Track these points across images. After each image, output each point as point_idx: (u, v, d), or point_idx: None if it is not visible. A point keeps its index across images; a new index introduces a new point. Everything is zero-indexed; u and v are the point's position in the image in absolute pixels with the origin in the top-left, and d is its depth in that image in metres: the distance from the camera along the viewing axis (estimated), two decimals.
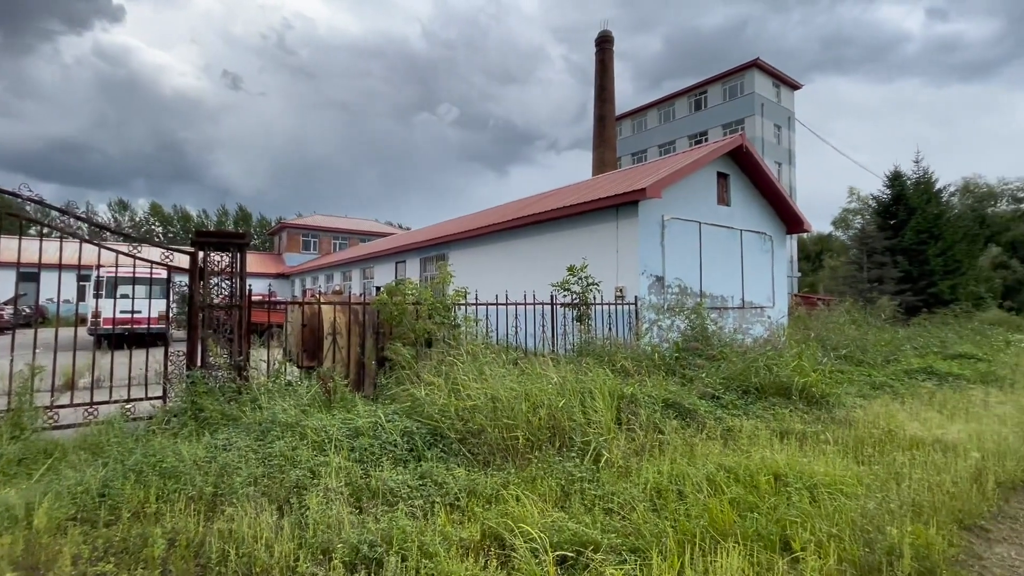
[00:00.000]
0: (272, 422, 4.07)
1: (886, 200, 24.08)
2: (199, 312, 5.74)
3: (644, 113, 49.76)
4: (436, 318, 6.95)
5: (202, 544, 2.83)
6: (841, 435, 4.83)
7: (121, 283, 14.86)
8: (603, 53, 40.43)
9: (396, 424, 4.10)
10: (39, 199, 5.35)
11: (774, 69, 41.84)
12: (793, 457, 4.00)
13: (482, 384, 4.46)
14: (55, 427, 4.94)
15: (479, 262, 15.12)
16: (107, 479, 3.41)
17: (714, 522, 2.91)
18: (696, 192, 11.70)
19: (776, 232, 13.98)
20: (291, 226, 40.25)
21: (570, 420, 4.23)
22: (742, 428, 4.89)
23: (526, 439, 3.99)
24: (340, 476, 3.41)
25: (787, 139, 43.54)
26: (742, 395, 6.11)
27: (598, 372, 5.66)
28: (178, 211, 73.67)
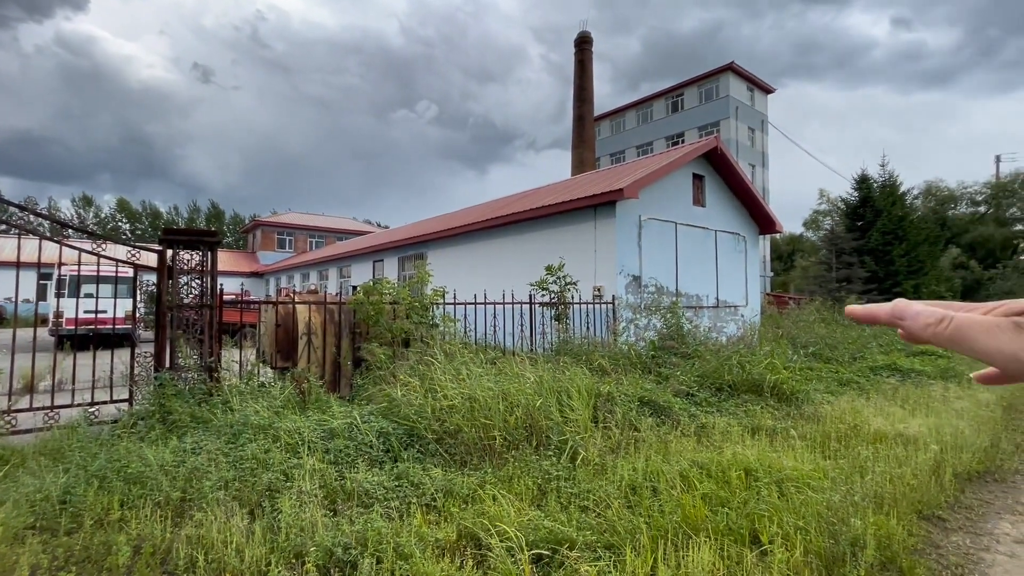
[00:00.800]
0: (244, 424, 3.99)
1: (854, 202, 24.89)
2: (167, 312, 5.58)
3: (623, 114, 50.29)
4: (414, 318, 6.90)
5: (169, 551, 2.76)
6: (809, 430, 4.97)
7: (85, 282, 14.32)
8: (582, 54, 40.66)
9: (372, 425, 4.06)
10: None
11: (748, 73, 42.77)
12: (763, 452, 4.10)
13: (459, 384, 4.45)
14: (13, 432, 4.74)
15: (458, 261, 15.07)
16: (68, 486, 3.29)
17: (687, 517, 2.97)
18: (672, 193, 11.88)
19: (749, 233, 14.29)
20: (265, 224, 39.40)
21: (547, 419, 4.26)
22: (715, 425, 5.00)
23: (503, 438, 4.00)
24: (314, 478, 3.36)
25: (760, 142, 44.55)
26: (715, 392, 6.24)
27: (575, 371, 5.70)
28: (147, 207, 71.35)
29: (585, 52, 40.77)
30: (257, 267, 37.26)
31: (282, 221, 39.93)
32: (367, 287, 6.88)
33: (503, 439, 3.99)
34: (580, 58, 40.75)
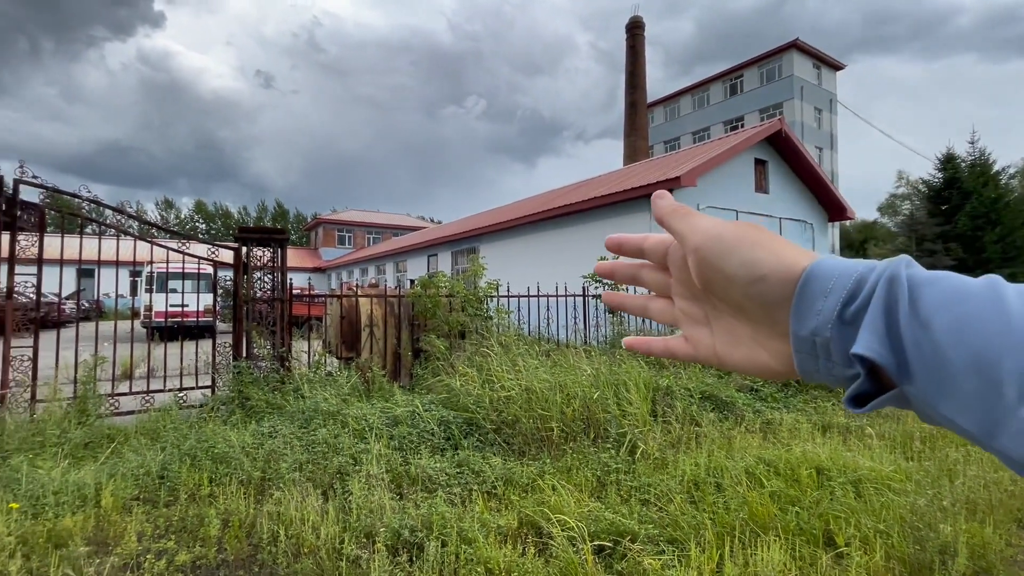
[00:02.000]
0: (314, 411, 4.23)
1: (938, 184, 22.85)
2: (243, 305, 5.98)
3: (677, 100, 48.53)
4: (469, 310, 7.03)
5: (253, 525, 2.98)
6: (888, 429, 4.65)
7: (171, 278, 15.61)
8: (634, 39, 39.54)
9: (433, 413, 4.19)
10: (96, 199, 5.68)
11: (814, 49, 40.04)
12: (836, 451, 3.88)
13: (516, 375, 4.50)
14: (116, 414, 5.27)
15: (510, 254, 15.16)
16: (165, 463, 3.63)
17: (754, 515, 2.87)
18: (733, 179, 11.38)
19: (817, 220, 13.47)
20: (327, 221, 41.26)
21: (604, 412, 4.22)
22: (782, 421, 4.77)
23: (560, 430, 4.01)
24: (381, 463, 3.52)
25: (828, 123, 41.67)
26: (782, 388, 5.96)
27: (631, 364, 5.62)
28: (219, 208, 76.45)
29: (637, 37, 39.59)
30: (319, 263, 39.14)
31: (342, 219, 41.66)
32: (424, 281, 7.07)
33: (560, 430, 4.00)
34: (632, 44, 39.62)
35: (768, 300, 0.35)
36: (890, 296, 0.30)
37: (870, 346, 0.29)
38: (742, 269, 0.36)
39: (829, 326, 0.32)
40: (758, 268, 0.35)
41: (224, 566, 2.67)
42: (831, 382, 0.34)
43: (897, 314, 0.29)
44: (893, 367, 0.29)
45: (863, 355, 0.30)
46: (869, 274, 0.32)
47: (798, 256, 0.35)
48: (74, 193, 5.50)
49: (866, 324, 0.30)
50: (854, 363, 0.31)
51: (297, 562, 2.61)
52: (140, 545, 2.77)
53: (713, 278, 0.38)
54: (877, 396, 0.31)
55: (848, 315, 0.31)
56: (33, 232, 5.21)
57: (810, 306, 0.32)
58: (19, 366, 5.00)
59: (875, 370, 0.31)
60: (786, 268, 0.34)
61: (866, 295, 0.31)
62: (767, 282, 0.35)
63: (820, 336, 0.32)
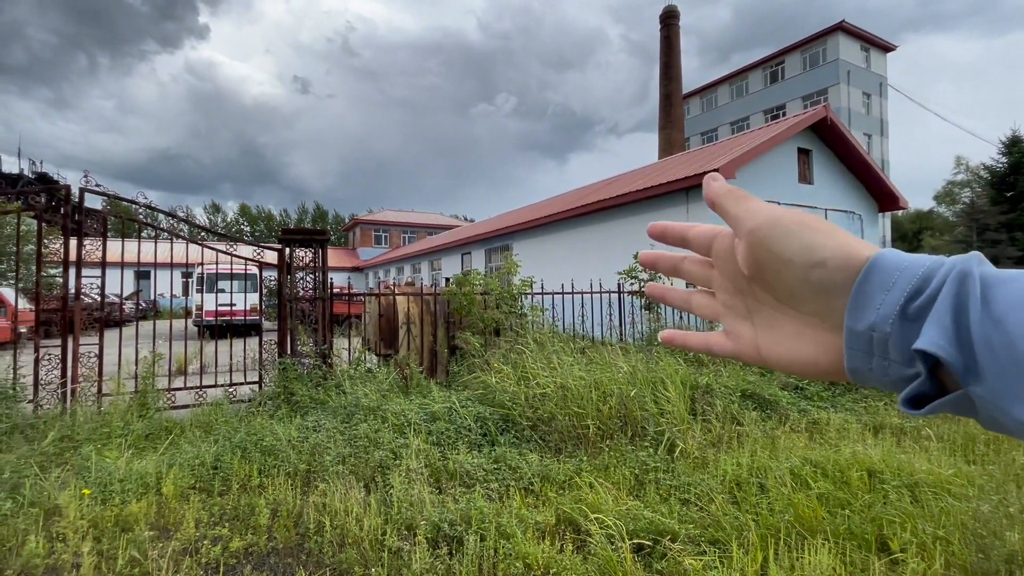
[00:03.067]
0: (355, 406, 4.35)
1: (1001, 169, 21.34)
2: (287, 304, 6.22)
3: (714, 89, 47.15)
4: (503, 307, 7.07)
5: (300, 515, 3.10)
6: (947, 431, 4.40)
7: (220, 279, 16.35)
8: (668, 29, 38.65)
9: (470, 410, 4.24)
10: (152, 204, 6.02)
11: (862, 31, 38.07)
12: (889, 453, 3.70)
13: (551, 373, 4.50)
14: (173, 407, 5.58)
15: (543, 251, 15.13)
16: (218, 454, 3.82)
17: (800, 517, 2.78)
18: (774, 170, 10.98)
19: (866, 210, 12.83)
20: (363, 222, 42.27)
21: (642, 410, 4.17)
22: (829, 421, 4.59)
23: (597, 428, 3.99)
24: (420, 457, 3.59)
25: (878, 108, 39.57)
26: (829, 387, 5.72)
27: (668, 361, 5.52)
28: (262, 211, 79.48)
29: (671, 28, 38.68)
30: (357, 262, 40.15)
31: (378, 219, 42.58)
32: (459, 279, 7.15)
33: (596, 428, 3.98)
34: (667, 34, 38.74)
35: (825, 287, 0.34)
36: (960, 292, 0.29)
37: (935, 342, 0.28)
38: (801, 253, 0.34)
39: (890, 321, 0.30)
40: (818, 252, 0.34)
41: (274, 553, 2.79)
42: (883, 384, 0.33)
43: (967, 311, 0.28)
44: (960, 366, 0.28)
45: (927, 351, 0.28)
46: (937, 269, 0.30)
47: (860, 246, 0.34)
48: (132, 200, 5.84)
49: (932, 319, 0.29)
50: (914, 361, 0.29)
51: (342, 551, 2.70)
52: (197, 531, 2.93)
53: (768, 262, 0.36)
54: (937, 398, 0.30)
55: (912, 311, 0.30)
56: (97, 237, 5.57)
57: (870, 299, 0.31)
58: (87, 362, 5.37)
59: (937, 370, 0.29)
60: (846, 256, 0.33)
61: (933, 290, 0.30)
62: (826, 267, 0.34)
63: (879, 332, 0.31)
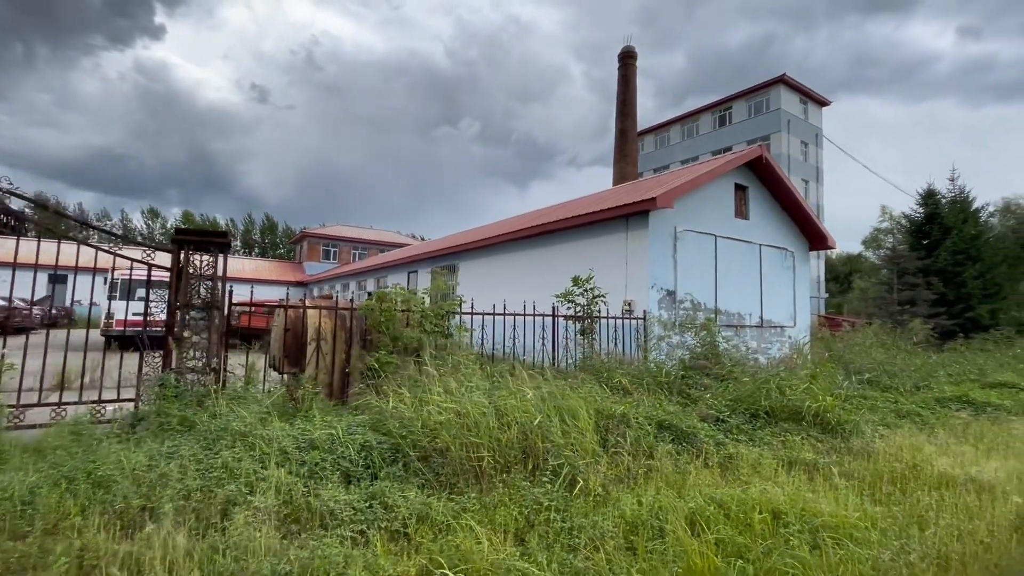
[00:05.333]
0: (223, 430, 3.78)
1: (919, 219, 23.02)
2: (176, 313, 5.55)
3: (667, 129, 49.32)
4: (426, 326, 6.65)
5: (108, 565, 2.52)
6: (857, 468, 4.30)
7: (136, 286, 15.00)
8: (626, 68, 40.27)
9: (356, 437, 3.76)
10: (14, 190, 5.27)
11: (801, 85, 41.03)
12: (798, 492, 3.51)
13: (449, 398, 4.10)
14: (17, 427, 4.77)
15: (489, 272, 14.83)
16: (35, 486, 3.16)
17: (691, 568, 2.48)
18: (712, 204, 11.22)
19: (798, 248, 13.33)
20: (312, 235, 40.80)
21: (546, 441, 3.83)
22: (746, 455, 4.40)
23: (494, 460, 3.60)
24: (280, 493, 3.08)
25: (815, 156, 42.47)
26: (750, 419, 5.60)
27: (588, 388, 5.25)
28: (207, 220, 75.91)
29: (629, 67, 40.33)
30: (303, 277, 38.52)
31: (327, 233, 41.24)
32: (380, 294, 6.69)
33: (494, 460, 3.59)
34: (624, 73, 40.34)
35: None
36: None
37: None
38: None
39: None
40: None
41: None
42: None
43: None
44: None
45: None
46: None
47: None
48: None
49: None
50: None
51: None
52: None
53: None
54: None
55: None
56: None
57: None
58: None
59: None
60: None
61: None
62: None
63: None
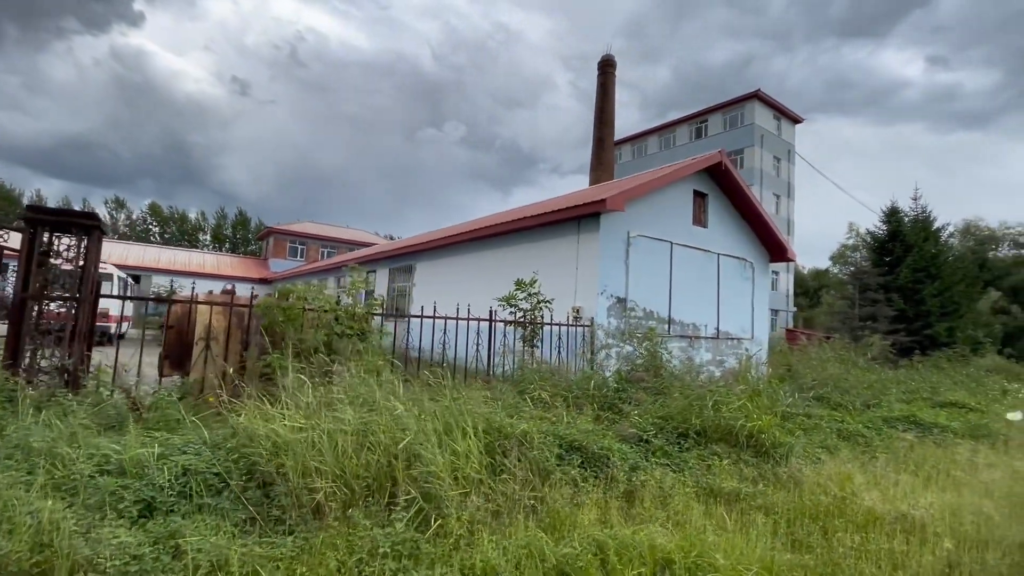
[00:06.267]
0: (15, 447, 3.09)
1: (882, 236, 23.25)
2: (26, 303, 4.80)
3: (645, 139, 49.60)
4: (336, 328, 6.01)
5: None
6: (781, 501, 3.81)
7: None
8: (604, 77, 40.27)
9: (180, 459, 3.10)
10: None
11: (775, 101, 41.64)
12: (699, 534, 2.98)
13: (301, 411, 3.47)
14: None
15: (445, 274, 14.22)
16: None
17: None
18: (669, 210, 10.83)
19: (758, 259, 13.07)
20: (278, 232, 39.54)
21: (415, 466, 3.22)
22: (656, 484, 3.88)
23: (344, 490, 2.99)
24: (40, 533, 2.41)
25: (787, 172, 43.10)
26: (678, 439, 5.09)
27: (505, 401, 4.69)
28: (175, 212, 73.54)
29: (608, 75, 40.35)
30: (267, 274, 37.24)
31: (294, 230, 40.04)
32: (284, 289, 6.03)
33: (342, 491, 2.98)
34: (603, 81, 40.34)
35: None
36: None
37: None
38: None
39: None
40: None
41: None
42: None
43: None
44: None
45: None
46: None
47: None
48: None
49: None
50: None
51: None
52: None
53: None
54: None
55: None
56: None
57: None
58: None
59: None
60: None
61: None
62: None
63: None
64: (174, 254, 37.23)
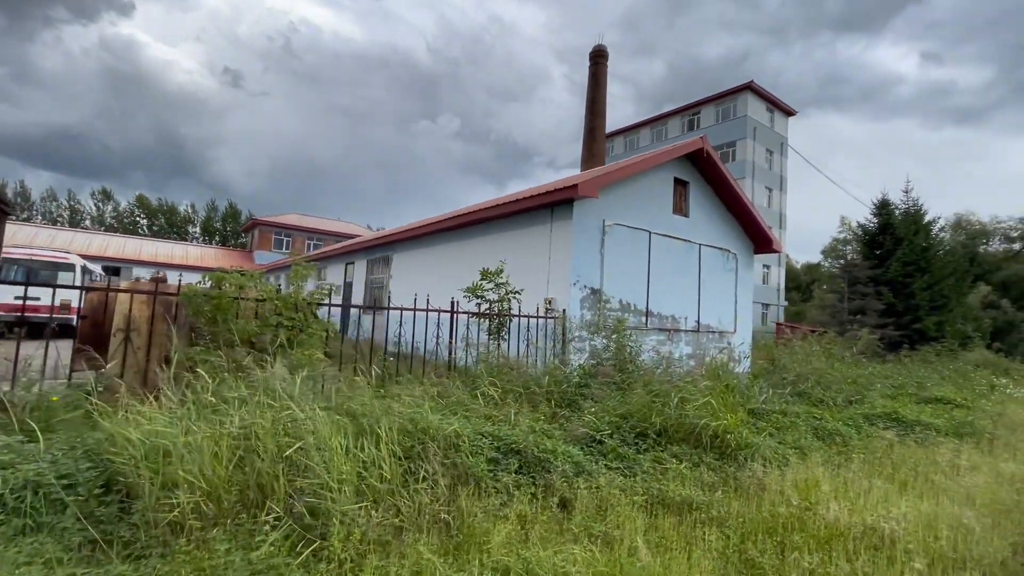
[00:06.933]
0: None
1: (873, 229, 22.91)
2: None
3: (637, 131, 49.09)
4: (271, 319, 5.54)
5: None
6: (739, 511, 3.40)
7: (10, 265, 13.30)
8: (596, 67, 39.67)
9: (26, 469, 2.64)
10: None
11: (768, 93, 41.19)
12: (628, 557, 2.56)
13: (169, 413, 3.02)
14: None
15: (421, 265, 13.74)
16: None
17: None
18: (648, 198, 10.38)
19: (742, 251, 12.66)
20: (263, 223, 38.83)
21: (304, 476, 2.78)
22: (603, 490, 3.45)
23: (213, 506, 2.54)
24: None
25: (779, 165, 42.71)
26: (637, 439, 4.67)
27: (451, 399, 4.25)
28: (164, 204, 72.58)
29: (599, 66, 39.75)
30: (251, 266, 36.57)
31: (279, 221, 39.36)
32: (217, 276, 5.54)
33: (208, 506, 2.53)
34: (594, 71, 39.73)
35: None
36: None
37: None
38: None
39: None
40: None
41: None
42: None
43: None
44: None
45: None
46: None
47: None
48: None
49: None
50: None
51: None
52: None
53: None
54: None
55: None
56: None
57: None
58: None
59: None
60: None
61: None
62: None
63: None
64: (157, 246, 36.49)
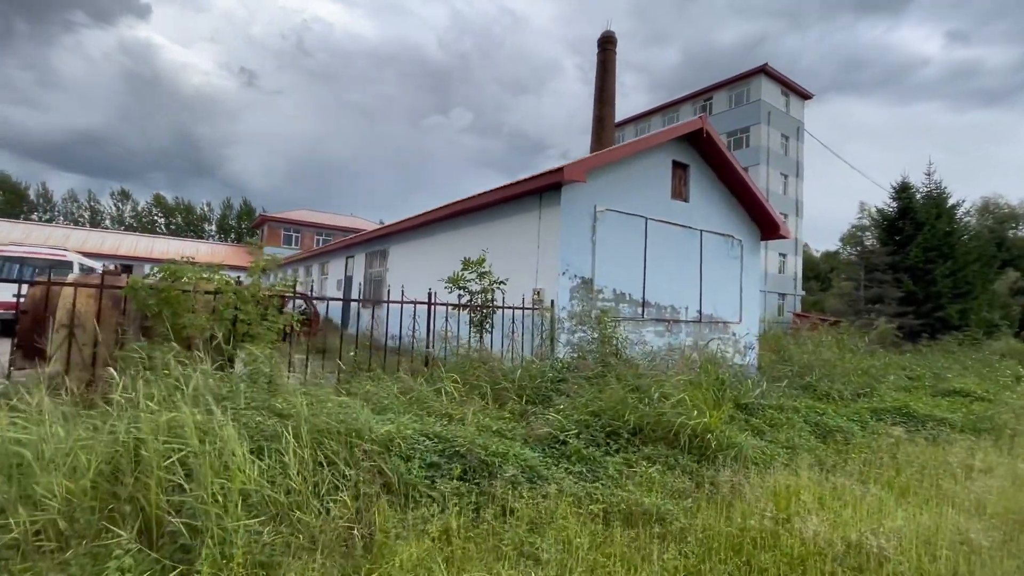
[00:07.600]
0: None
1: (892, 214, 21.91)
2: None
3: (648, 119, 48.02)
4: (226, 313, 5.25)
5: None
6: (708, 524, 2.98)
7: None
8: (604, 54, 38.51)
9: None
10: None
11: (783, 76, 39.84)
12: None
13: (38, 416, 2.70)
14: None
15: (417, 257, 13.43)
16: None
17: None
18: (644, 182, 9.87)
19: (748, 237, 12.06)
20: (272, 219, 38.99)
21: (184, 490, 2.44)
22: (551, 499, 3.07)
23: (64, 523, 2.22)
24: None
25: (795, 151, 41.36)
26: (608, 439, 4.27)
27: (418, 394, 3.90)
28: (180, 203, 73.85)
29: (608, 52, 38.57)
30: None
31: (288, 217, 39.49)
32: (169, 268, 5.26)
33: (71, 526, 2.21)
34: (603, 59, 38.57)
35: None
36: None
37: None
38: None
39: None
40: None
41: None
42: None
43: None
44: None
45: None
46: None
47: None
48: None
49: None
50: None
51: None
52: None
53: None
54: None
55: None
56: None
57: None
58: None
59: None
60: None
61: None
62: None
63: None
64: (168, 243, 36.91)
